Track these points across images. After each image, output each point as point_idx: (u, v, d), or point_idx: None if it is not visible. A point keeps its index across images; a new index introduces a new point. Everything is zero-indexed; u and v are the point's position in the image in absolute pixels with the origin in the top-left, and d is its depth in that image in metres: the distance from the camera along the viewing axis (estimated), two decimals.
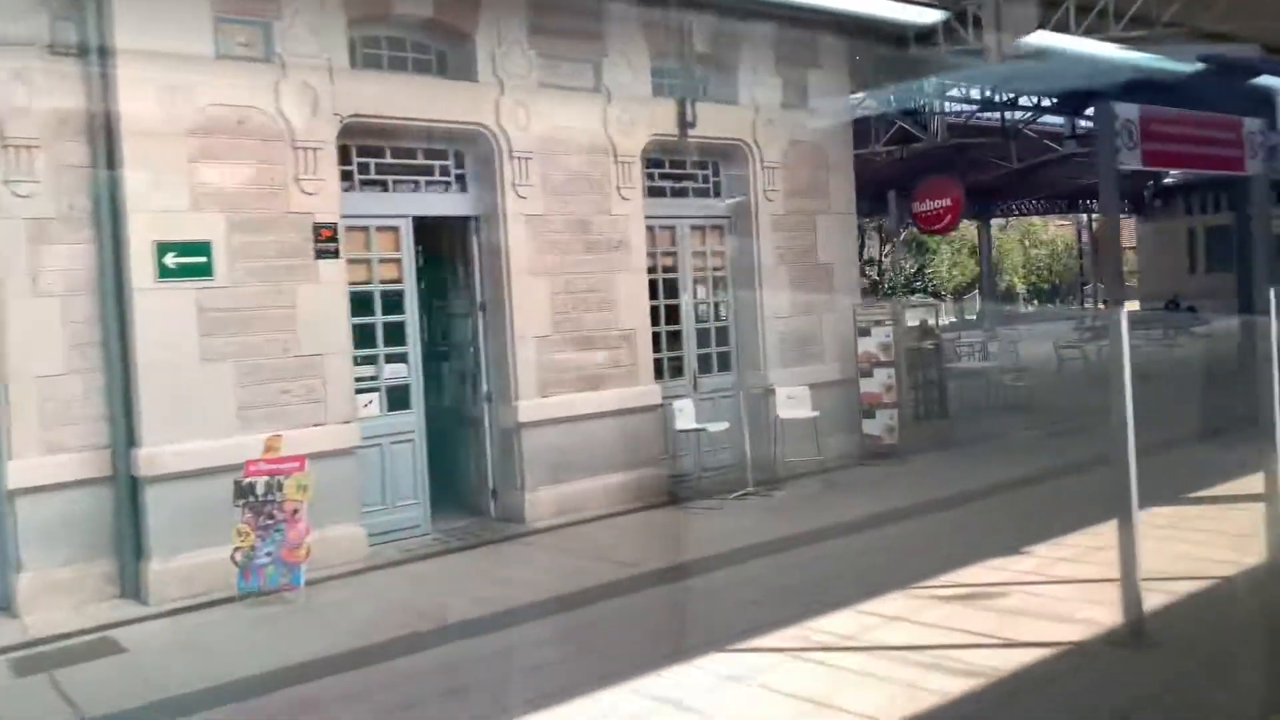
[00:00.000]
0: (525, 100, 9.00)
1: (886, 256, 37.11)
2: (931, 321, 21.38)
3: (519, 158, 8.97)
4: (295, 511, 7.07)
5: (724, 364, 10.95)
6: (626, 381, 9.68)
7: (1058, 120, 22.66)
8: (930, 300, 30.40)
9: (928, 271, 42.36)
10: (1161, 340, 20.84)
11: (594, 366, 9.47)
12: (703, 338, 10.80)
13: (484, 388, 9.19)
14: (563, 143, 9.27)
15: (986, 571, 6.99)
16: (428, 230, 9.10)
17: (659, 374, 10.31)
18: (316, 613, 6.76)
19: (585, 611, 6.66)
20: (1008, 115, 21.57)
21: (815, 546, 8.03)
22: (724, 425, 9.85)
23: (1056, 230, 53.45)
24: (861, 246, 40.07)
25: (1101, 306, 35.49)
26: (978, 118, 21.93)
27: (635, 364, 9.77)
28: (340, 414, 8.00)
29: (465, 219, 9.11)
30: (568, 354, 9.29)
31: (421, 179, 8.89)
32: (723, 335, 10.96)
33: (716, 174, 10.90)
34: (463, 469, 9.51)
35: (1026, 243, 53.43)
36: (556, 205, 9.23)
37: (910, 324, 17.07)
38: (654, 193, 10.36)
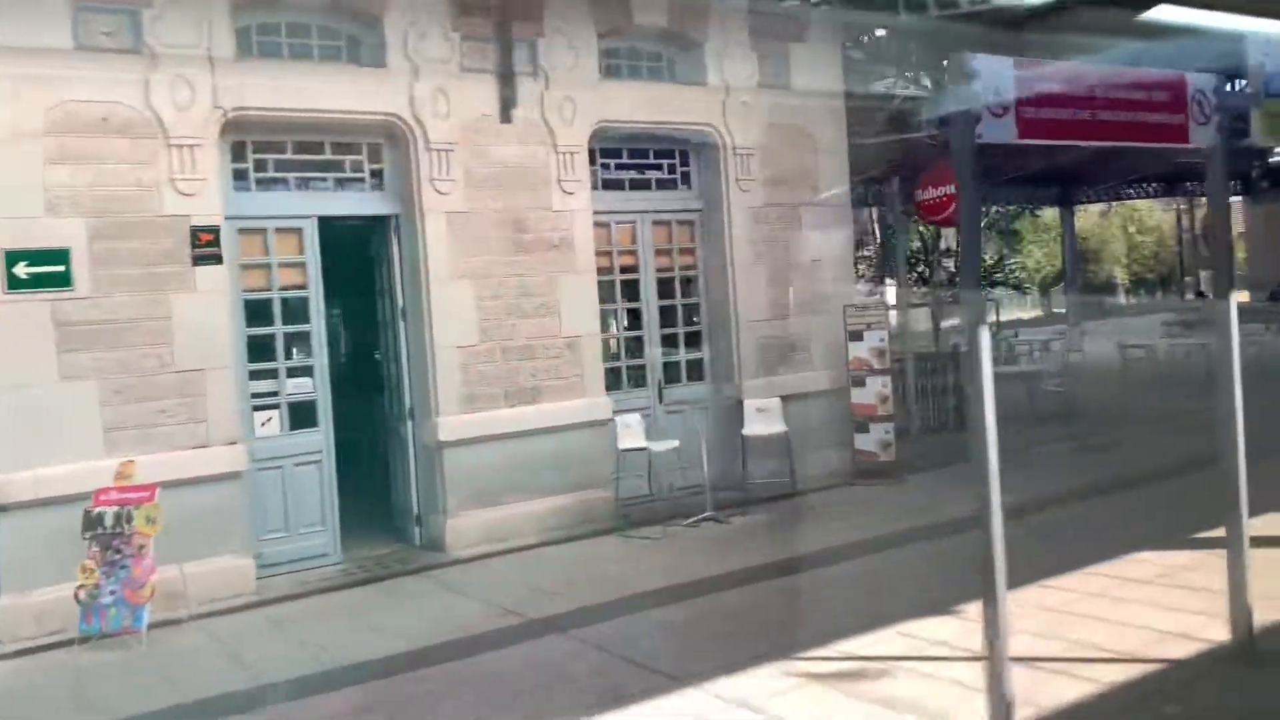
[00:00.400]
0: (445, 87, 8.17)
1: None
2: (990, 318, 19.86)
3: (437, 150, 8.15)
4: (141, 547, 6.41)
5: (697, 372, 9.94)
6: (570, 394, 8.78)
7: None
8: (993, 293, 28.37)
9: (1009, 262, 39.96)
10: (1265, 335, 18.82)
11: (530, 378, 8.60)
12: (670, 344, 9.81)
13: (406, 402, 8.42)
14: (492, 132, 8.42)
15: (933, 626, 5.87)
16: (343, 231, 8.36)
17: (618, 384, 9.39)
18: (146, 663, 6.07)
19: (422, 675, 5.76)
20: None
21: (746, 589, 7.01)
22: (673, 444, 8.86)
23: (1165, 216, 50.15)
24: (938, 236, 38.18)
25: (1192, 298, 32.91)
26: None
27: (581, 374, 8.86)
28: (225, 434, 7.33)
29: (383, 218, 8.34)
30: (498, 365, 8.45)
31: (330, 176, 8.15)
32: (695, 341, 9.95)
33: (685, 163, 9.89)
34: (385, 492, 8.77)
35: (1132, 229, 50.31)
36: (484, 201, 8.39)
37: (951, 321, 15.79)
38: (610, 185, 9.43)
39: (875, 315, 10.07)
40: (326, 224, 8.11)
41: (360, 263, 8.71)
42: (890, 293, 41.94)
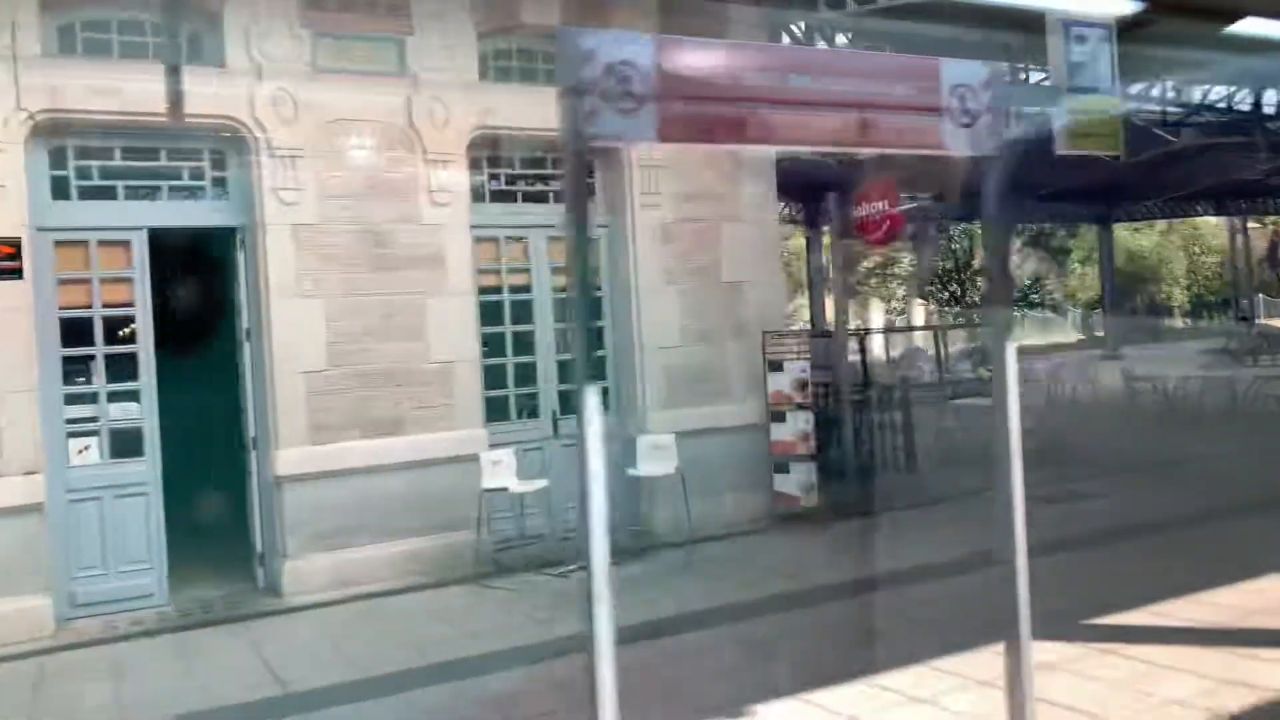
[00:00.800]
0: (292, 88, 7.48)
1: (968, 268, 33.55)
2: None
3: (283, 156, 7.46)
4: None
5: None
6: (439, 425, 8.01)
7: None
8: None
9: (1046, 281, 38.26)
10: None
11: (391, 407, 7.85)
12: (569, 372, 8.97)
13: (251, 431, 7.72)
14: (348, 138, 7.71)
15: None
16: (188, 244, 7.73)
17: (505, 415, 8.60)
18: None
19: None
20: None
21: (575, 659, 6.13)
22: (541, 484, 8.02)
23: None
24: (971, 254, 36.63)
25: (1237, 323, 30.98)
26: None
27: (451, 405, 8.09)
28: (23, 463, 6.71)
29: (227, 230, 7.67)
30: (353, 392, 7.71)
31: (166, 184, 7.51)
32: (600, 369, 9.10)
33: (590, 174, 9.07)
34: (228, 528, 8.07)
35: (1196, 249, 47.98)
36: (338, 213, 7.68)
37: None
38: (500, 197, 8.66)
39: (797, 344, 9.12)
40: (165, 236, 7.49)
41: (207, 278, 8.05)
42: (918, 313, 40.64)
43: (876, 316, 40.11)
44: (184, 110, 7.10)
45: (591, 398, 2.79)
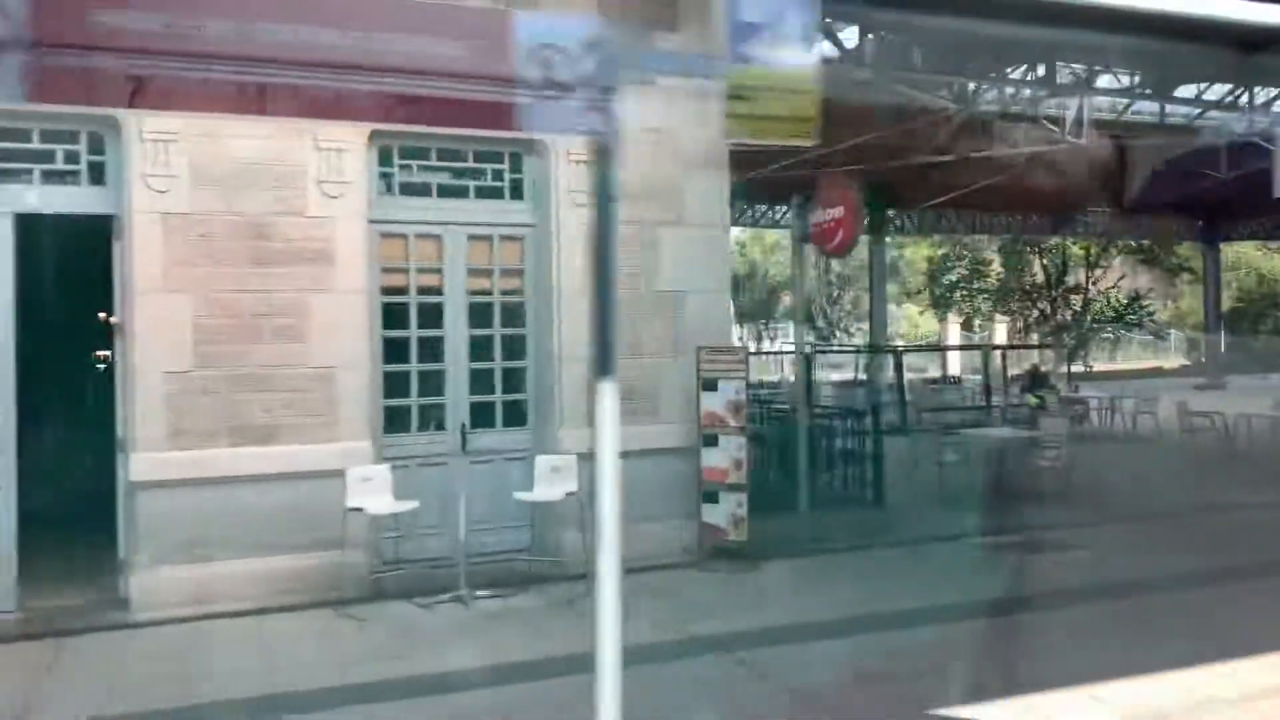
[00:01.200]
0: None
1: (1095, 283, 31.23)
2: (1044, 369, 17.22)
3: (153, 141, 7.00)
4: None
5: (518, 417, 8.39)
6: (319, 436, 7.43)
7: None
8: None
9: (1146, 301, 35.48)
10: None
11: (264, 414, 7.30)
12: (483, 382, 8.30)
13: (119, 433, 7.28)
14: (229, 123, 7.19)
15: None
16: (58, 232, 7.35)
17: (405, 427, 7.98)
18: None
19: None
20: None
21: (373, 707, 5.46)
22: (410, 505, 7.34)
23: None
24: (1064, 269, 34.37)
25: None
26: (1135, 111, 17.48)
27: (334, 413, 7.50)
28: None
29: (103, 218, 7.25)
30: (221, 396, 7.19)
31: (37, 168, 7.12)
32: (517, 380, 8.40)
33: (518, 169, 8.38)
34: (104, 534, 7.63)
35: None
36: (214, 203, 7.17)
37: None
38: (411, 191, 8.05)
39: (732, 362, 8.23)
40: (40, 223, 7.12)
41: (75, 269, 7.66)
42: (1000, 331, 38.46)
43: (954, 330, 38.23)
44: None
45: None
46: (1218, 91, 15.95)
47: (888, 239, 27.94)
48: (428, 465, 7.87)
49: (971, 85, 15.51)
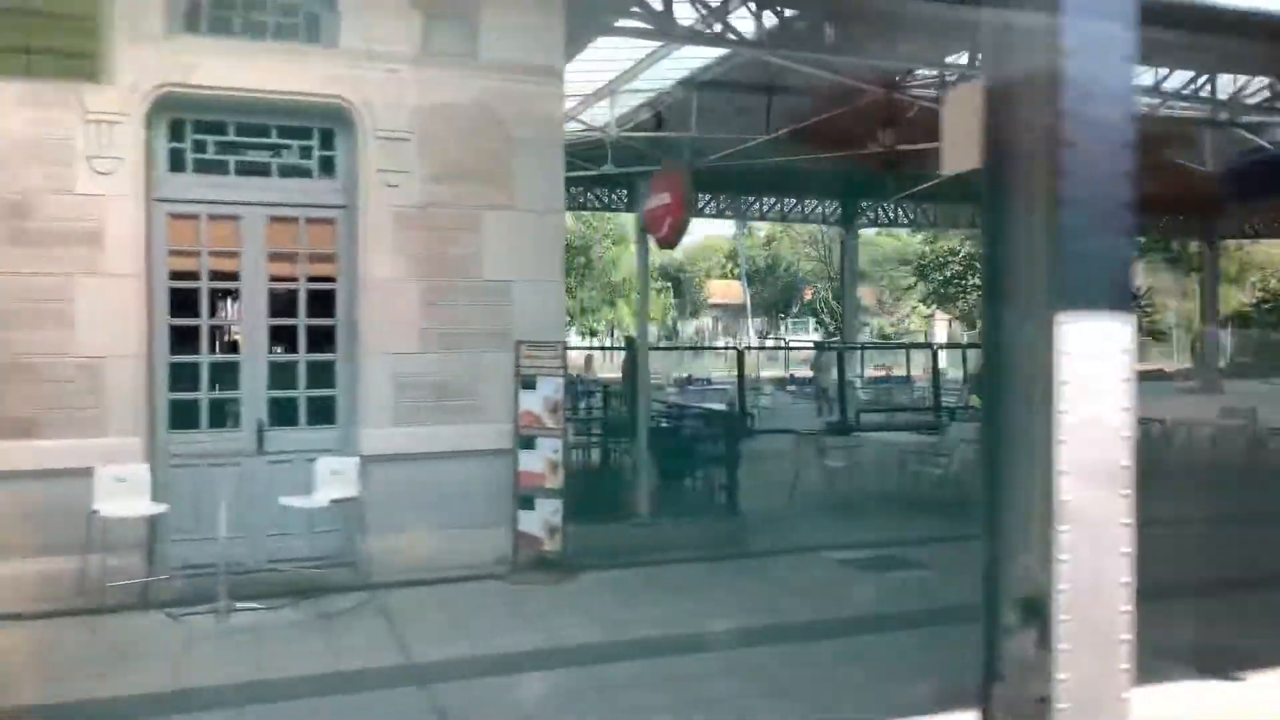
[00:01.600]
0: None
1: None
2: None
3: None
4: None
5: (327, 414, 7.80)
6: (84, 431, 6.88)
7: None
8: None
9: (1144, 300, 34.43)
10: None
11: (23, 406, 6.77)
12: (284, 376, 7.72)
13: None
14: None
15: None
16: None
17: (194, 423, 7.41)
18: None
19: None
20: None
21: None
22: (159, 509, 6.76)
23: None
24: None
25: None
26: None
27: (102, 406, 6.95)
28: None
29: None
30: None
31: None
32: (325, 375, 7.81)
33: (329, 145, 7.78)
34: None
35: None
36: None
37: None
38: (205, 168, 7.46)
39: (550, 357, 7.59)
40: None
41: None
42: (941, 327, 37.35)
43: (941, 328, 37.29)
44: None
45: None
46: (1180, 79, 15.00)
47: (872, 231, 27.10)
48: (219, 465, 7.29)
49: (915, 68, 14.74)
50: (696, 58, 14.49)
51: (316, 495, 6.93)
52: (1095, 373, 2.67)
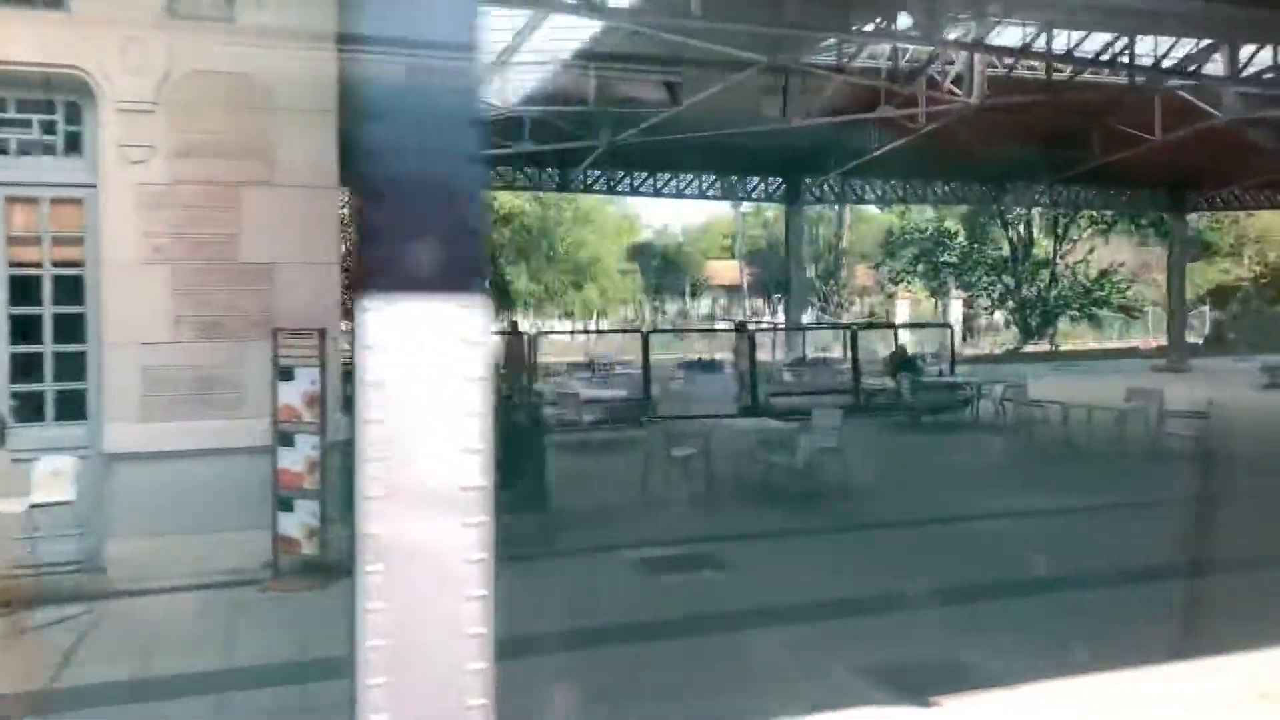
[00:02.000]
0: None
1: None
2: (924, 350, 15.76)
3: None
4: None
5: (78, 409, 7.27)
6: None
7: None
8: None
9: (1115, 278, 33.40)
10: None
11: None
12: (29, 368, 7.19)
13: None
14: None
15: None
16: None
17: None
18: None
19: None
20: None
21: None
22: None
23: None
24: (1030, 241, 32.44)
25: None
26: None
27: None
28: None
29: None
30: None
31: None
32: (74, 366, 7.28)
33: (74, 121, 7.22)
34: None
35: None
36: None
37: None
38: None
39: (309, 346, 7.03)
40: None
41: None
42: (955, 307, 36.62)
43: (903, 309, 36.48)
44: None
45: None
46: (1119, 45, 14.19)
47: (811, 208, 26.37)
48: None
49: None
50: (586, 26, 13.91)
51: (24, 499, 6.38)
52: (419, 373, 2.08)
